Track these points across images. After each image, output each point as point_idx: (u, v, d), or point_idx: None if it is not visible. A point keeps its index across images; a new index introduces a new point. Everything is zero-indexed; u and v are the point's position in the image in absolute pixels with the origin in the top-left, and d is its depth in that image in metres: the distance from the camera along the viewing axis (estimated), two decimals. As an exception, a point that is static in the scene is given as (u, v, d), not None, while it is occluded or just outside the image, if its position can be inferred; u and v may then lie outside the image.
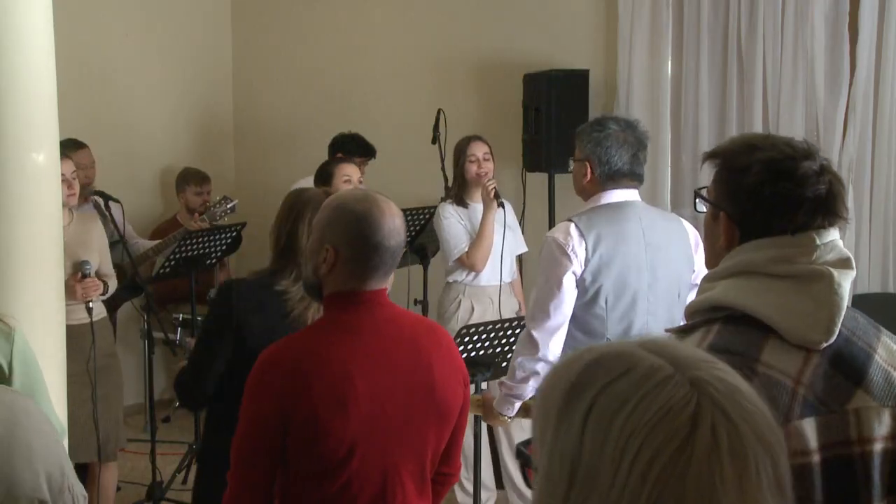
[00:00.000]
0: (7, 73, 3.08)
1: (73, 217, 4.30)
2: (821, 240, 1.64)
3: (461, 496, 4.77)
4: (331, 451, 2.12)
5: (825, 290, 1.60)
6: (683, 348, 0.99)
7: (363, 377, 2.14)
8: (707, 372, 0.95)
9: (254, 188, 6.99)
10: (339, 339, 2.17)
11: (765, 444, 0.93)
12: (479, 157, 4.69)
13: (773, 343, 1.58)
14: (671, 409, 0.91)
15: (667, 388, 0.92)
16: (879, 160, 4.63)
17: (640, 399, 0.92)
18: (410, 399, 2.20)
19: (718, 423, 0.91)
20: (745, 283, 1.64)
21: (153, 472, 4.76)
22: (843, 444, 1.57)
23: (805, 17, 4.71)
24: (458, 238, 4.63)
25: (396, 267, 2.31)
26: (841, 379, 1.59)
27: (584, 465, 0.93)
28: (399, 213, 2.25)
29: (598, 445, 0.92)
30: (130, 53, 6.49)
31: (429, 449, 2.26)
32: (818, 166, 1.65)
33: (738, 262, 1.67)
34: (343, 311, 2.21)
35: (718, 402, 0.92)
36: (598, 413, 0.94)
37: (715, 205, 1.75)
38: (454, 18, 6.09)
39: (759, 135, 1.77)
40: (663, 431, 0.90)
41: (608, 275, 3.10)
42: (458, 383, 2.32)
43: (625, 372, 0.95)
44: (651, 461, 0.89)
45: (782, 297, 1.60)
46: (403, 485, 2.22)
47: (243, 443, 2.16)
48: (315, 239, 2.25)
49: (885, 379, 1.62)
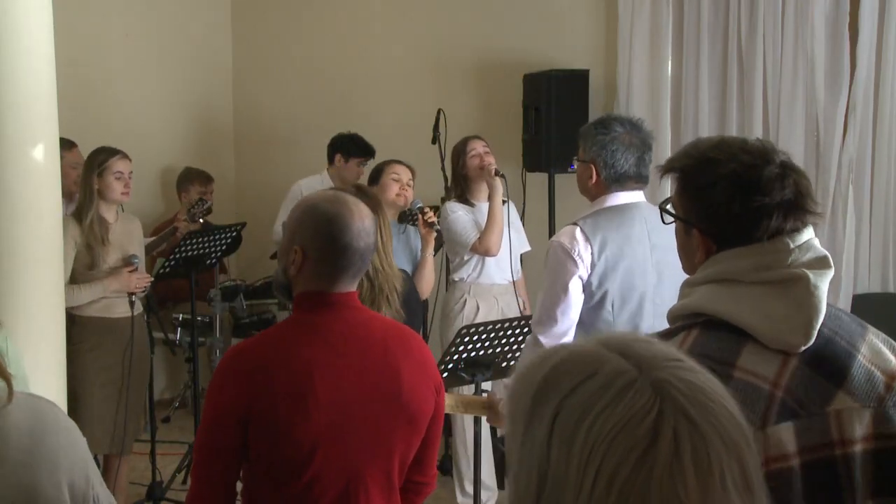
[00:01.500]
0: (7, 73, 3.08)
1: (118, 216, 4.46)
2: (794, 242, 1.64)
3: (461, 496, 4.77)
4: (292, 452, 2.10)
5: (802, 292, 1.60)
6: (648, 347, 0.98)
7: (326, 378, 2.12)
8: (670, 373, 0.94)
9: (254, 188, 6.99)
10: (304, 339, 2.16)
11: (730, 446, 0.92)
12: (480, 151, 4.71)
13: (751, 348, 1.58)
14: (632, 417, 0.91)
15: (629, 395, 0.92)
16: (879, 160, 4.63)
17: (603, 407, 0.92)
18: (376, 404, 2.18)
19: (680, 429, 0.90)
20: (723, 290, 1.64)
21: (153, 472, 4.76)
22: (825, 447, 1.56)
23: (805, 17, 4.71)
24: (468, 227, 4.63)
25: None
26: (821, 380, 1.59)
27: (551, 475, 0.93)
28: (369, 215, 2.23)
29: (563, 457, 0.92)
30: (130, 54, 6.49)
31: (396, 455, 2.23)
32: (779, 167, 1.65)
33: (716, 271, 1.67)
34: (311, 311, 2.20)
35: (681, 405, 0.92)
36: (562, 422, 0.94)
37: (685, 221, 1.74)
38: (454, 18, 6.09)
39: (713, 143, 1.74)
40: (625, 440, 0.90)
41: (614, 278, 3.08)
42: (429, 390, 2.28)
43: (590, 375, 0.95)
44: (614, 471, 0.89)
45: (760, 303, 1.60)
46: (367, 490, 2.19)
47: (204, 439, 2.14)
48: (285, 239, 2.24)
49: (868, 378, 1.61)
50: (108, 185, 4.31)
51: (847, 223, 4.63)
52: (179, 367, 6.52)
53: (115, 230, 4.37)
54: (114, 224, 4.38)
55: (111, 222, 4.36)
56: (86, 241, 4.23)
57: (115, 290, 4.31)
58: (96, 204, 4.28)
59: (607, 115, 3.35)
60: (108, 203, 4.35)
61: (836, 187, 4.66)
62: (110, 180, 4.31)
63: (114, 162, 4.33)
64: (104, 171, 4.30)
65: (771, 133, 4.82)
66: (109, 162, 4.32)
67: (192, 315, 5.23)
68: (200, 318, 5.69)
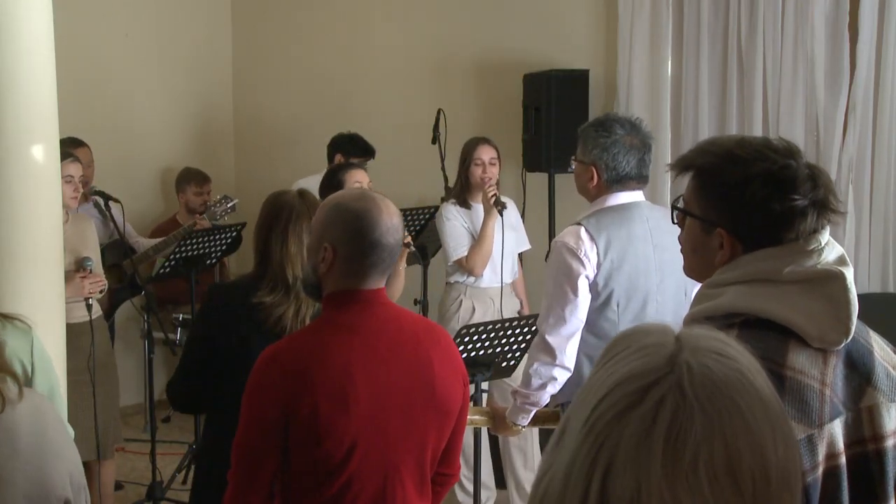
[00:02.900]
0: (7, 73, 3.08)
1: (69, 217, 4.33)
2: (823, 240, 1.65)
3: (461, 496, 4.77)
4: (331, 451, 2.12)
5: (839, 289, 1.60)
6: (702, 332, 1.00)
7: (363, 376, 2.14)
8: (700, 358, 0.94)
9: (254, 188, 6.98)
10: (339, 339, 2.18)
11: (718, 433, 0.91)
12: (485, 161, 4.68)
13: (795, 346, 1.58)
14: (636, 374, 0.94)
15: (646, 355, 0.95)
16: (879, 160, 4.63)
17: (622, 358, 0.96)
18: (411, 398, 2.20)
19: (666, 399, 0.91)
20: (760, 290, 1.62)
21: (153, 472, 4.76)
22: (859, 443, 1.58)
23: (805, 17, 4.71)
24: (460, 240, 4.63)
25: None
26: (854, 377, 1.61)
27: (570, 415, 0.98)
28: (397, 212, 2.25)
29: (580, 396, 0.98)
30: (130, 54, 6.49)
31: (429, 448, 2.26)
32: (806, 167, 1.65)
33: (749, 271, 1.64)
34: (342, 310, 2.21)
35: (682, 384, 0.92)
36: (595, 368, 1.00)
37: (704, 220, 1.72)
38: (454, 18, 6.09)
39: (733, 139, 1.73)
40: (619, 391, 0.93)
41: (619, 277, 3.09)
42: (458, 382, 2.32)
43: (640, 337, 0.99)
44: (599, 417, 0.93)
45: (799, 301, 1.60)
46: (403, 484, 2.22)
47: (245, 443, 2.16)
48: (314, 238, 2.25)
49: (887, 374, 1.64)
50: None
51: (847, 223, 4.62)
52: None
53: (65, 233, 4.28)
54: (63, 225, 4.27)
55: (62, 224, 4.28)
56: None
57: (68, 296, 4.22)
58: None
59: (606, 115, 3.34)
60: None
61: (836, 187, 4.65)
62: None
63: (63, 165, 4.21)
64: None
65: (771, 133, 4.82)
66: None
67: (192, 315, 5.23)
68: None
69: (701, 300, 1.71)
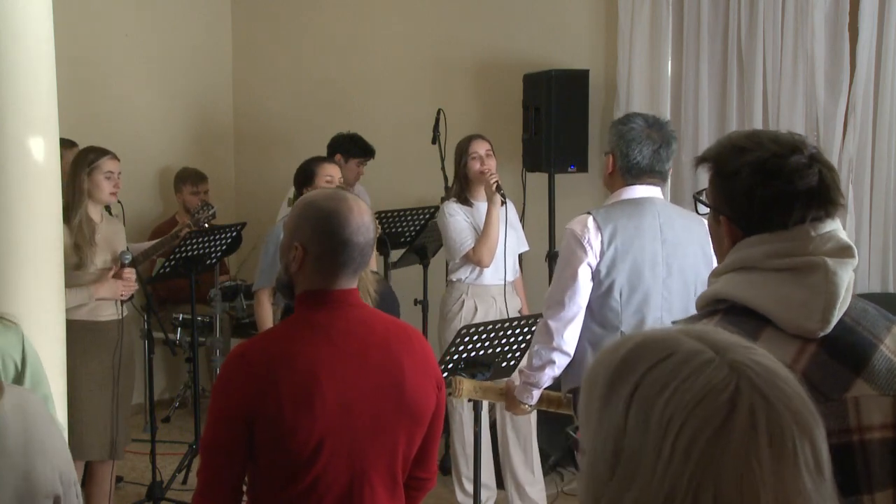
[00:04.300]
0: (7, 73, 3.08)
1: (103, 216, 4.42)
2: (816, 231, 1.66)
3: (461, 496, 4.77)
4: (297, 450, 2.12)
5: (820, 279, 1.62)
6: (723, 334, 1.02)
7: (330, 377, 2.13)
8: (745, 356, 0.97)
9: (253, 188, 6.99)
10: (308, 338, 2.17)
11: (802, 427, 0.95)
12: (481, 154, 4.69)
13: (770, 333, 1.61)
14: (711, 390, 0.94)
15: (707, 370, 0.95)
16: (879, 160, 4.63)
17: (682, 381, 0.95)
18: (380, 401, 2.19)
19: (756, 405, 0.93)
20: (743, 277, 1.68)
21: (153, 472, 4.76)
22: (843, 433, 1.58)
23: (805, 17, 4.71)
24: (464, 235, 4.63)
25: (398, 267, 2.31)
26: (839, 367, 1.61)
27: (628, 446, 0.96)
28: (368, 211, 2.25)
29: (641, 427, 0.95)
30: (130, 53, 6.49)
31: (399, 452, 2.24)
32: (807, 158, 1.67)
33: (737, 258, 1.71)
34: (313, 310, 2.21)
35: (757, 384, 0.94)
36: (641, 395, 0.96)
37: (714, 209, 1.78)
38: (454, 18, 6.10)
39: (745, 134, 1.79)
40: (703, 412, 0.93)
41: (622, 268, 3.15)
42: (431, 386, 2.30)
43: (667, 356, 0.98)
44: (691, 441, 0.92)
45: (779, 289, 1.63)
46: (372, 486, 2.20)
47: (210, 439, 2.16)
48: (285, 237, 2.25)
49: (889, 369, 1.64)
50: (97, 184, 4.25)
51: (847, 223, 4.63)
52: (179, 368, 6.52)
53: (101, 230, 4.32)
54: (100, 224, 4.33)
55: (98, 222, 4.32)
56: (74, 241, 4.14)
57: (102, 297, 4.26)
58: (85, 203, 4.23)
59: (635, 112, 3.44)
60: (95, 203, 4.30)
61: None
62: (100, 179, 4.25)
63: (104, 161, 4.27)
64: (94, 171, 4.24)
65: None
66: (99, 161, 4.26)
67: (192, 315, 5.23)
68: (200, 319, 5.69)
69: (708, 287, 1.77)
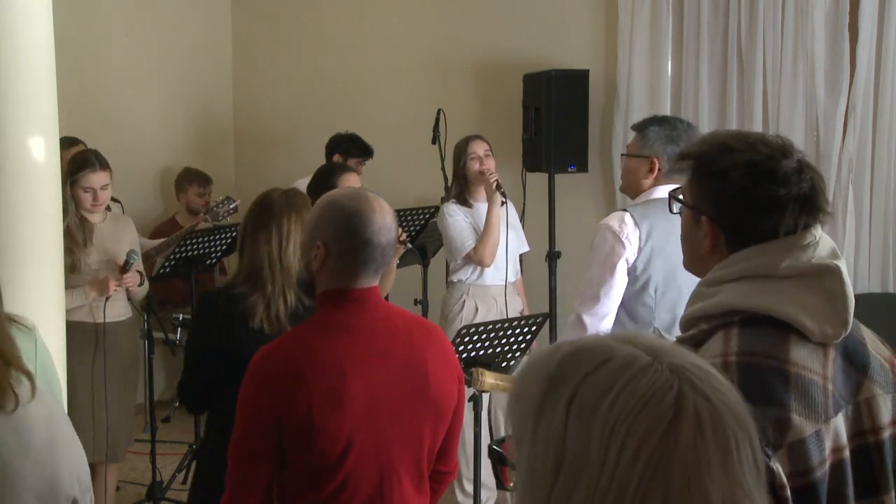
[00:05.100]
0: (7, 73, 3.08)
1: (106, 216, 4.41)
2: (813, 237, 1.64)
3: (461, 496, 4.77)
4: (327, 450, 2.13)
5: (836, 283, 1.60)
6: (652, 338, 1.00)
7: (358, 375, 2.15)
8: (682, 359, 0.97)
9: (254, 188, 6.92)
10: (333, 338, 2.18)
11: (742, 426, 0.95)
12: (479, 154, 4.69)
13: (795, 342, 1.58)
14: (654, 394, 0.92)
15: (648, 374, 0.94)
16: (879, 160, 4.63)
17: (623, 386, 0.93)
18: (405, 397, 2.21)
19: (701, 407, 0.92)
20: (757, 286, 1.62)
21: (153, 472, 4.76)
22: (860, 435, 1.59)
23: (805, 17, 4.71)
24: (465, 235, 4.62)
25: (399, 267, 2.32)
26: (852, 370, 1.61)
27: (569, 456, 0.93)
28: (390, 211, 2.25)
29: (582, 435, 0.93)
30: (130, 53, 6.49)
31: (425, 446, 2.27)
32: (796, 163, 1.65)
33: (745, 268, 1.64)
34: (335, 309, 2.22)
35: (698, 387, 0.94)
36: (580, 403, 0.94)
37: (694, 208, 1.73)
38: (454, 18, 6.09)
39: (731, 133, 1.76)
40: (648, 417, 0.91)
41: (658, 265, 3.16)
42: (453, 381, 2.32)
43: (604, 361, 0.96)
44: (638, 447, 0.91)
45: (797, 296, 1.59)
46: (401, 482, 2.23)
47: (241, 443, 2.16)
48: (307, 236, 2.26)
49: (880, 366, 1.65)
50: (76, 197, 4.27)
51: (847, 223, 4.63)
52: (179, 368, 6.48)
53: (100, 231, 4.31)
54: (100, 224, 4.33)
55: (96, 223, 4.32)
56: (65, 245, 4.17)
57: (96, 295, 4.26)
58: (72, 208, 4.23)
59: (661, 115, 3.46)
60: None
61: (836, 187, 4.66)
62: (78, 193, 4.27)
63: (82, 177, 4.27)
64: (73, 184, 4.25)
65: (770, 133, 4.82)
66: (78, 176, 4.26)
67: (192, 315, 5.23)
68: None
69: (696, 299, 1.70)
